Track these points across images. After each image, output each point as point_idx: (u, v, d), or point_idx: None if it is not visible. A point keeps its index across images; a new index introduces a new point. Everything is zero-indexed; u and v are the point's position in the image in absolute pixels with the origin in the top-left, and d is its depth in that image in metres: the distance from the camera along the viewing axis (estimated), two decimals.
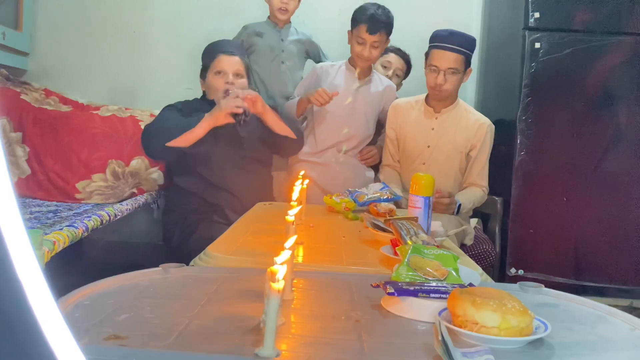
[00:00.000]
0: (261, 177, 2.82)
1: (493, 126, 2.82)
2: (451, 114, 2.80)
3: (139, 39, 3.66)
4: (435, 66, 2.67)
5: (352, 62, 3.00)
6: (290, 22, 3.31)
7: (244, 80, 2.75)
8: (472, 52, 2.73)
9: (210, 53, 2.78)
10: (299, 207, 1.27)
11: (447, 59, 2.65)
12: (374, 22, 2.82)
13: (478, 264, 2.60)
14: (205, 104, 2.74)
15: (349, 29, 2.95)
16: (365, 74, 3.03)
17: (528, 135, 2.99)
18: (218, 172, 2.66)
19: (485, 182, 2.80)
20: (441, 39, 2.68)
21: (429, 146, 2.81)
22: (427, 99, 2.85)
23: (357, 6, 2.94)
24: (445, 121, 2.79)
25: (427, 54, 2.75)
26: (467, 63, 2.71)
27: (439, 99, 2.77)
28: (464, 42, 2.68)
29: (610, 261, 2.92)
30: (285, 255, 0.81)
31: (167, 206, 2.89)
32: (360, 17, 2.86)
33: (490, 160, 2.78)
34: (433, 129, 2.80)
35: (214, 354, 0.83)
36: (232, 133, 2.64)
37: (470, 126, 2.78)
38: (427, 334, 0.92)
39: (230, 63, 2.72)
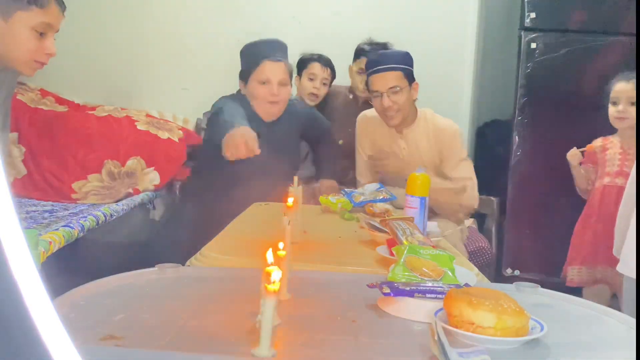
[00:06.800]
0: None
1: (458, 131, 2.72)
2: (415, 133, 2.69)
3: (134, 39, 3.65)
4: (377, 91, 2.58)
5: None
6: None
7: (288, 89, 2.62)
8: (410, 65, 2.63)
9: (253, 57, 2.61)
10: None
11: (385, 79, 2.56)
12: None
13: (474, 262, 2.61)
14: (248, 110, 2.56)
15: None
16: None
17: (524, 135, 3.00)
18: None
19: (462, 175, 2.66)
20: (374, 63, 2.62)
21: (408, 164, 2.66)
22: None
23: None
24: (411, 141, 2.69)
25: (367, 84, 2.68)
26: (410, 78, 2.61)
27: (394, 124, 2.64)
28: (397, 58, 2.62)
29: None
30: (273, 255, 0.81)
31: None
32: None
33: (486, 160, 2.79)
34: (404, 148, 2.70)
35: (209, 354, 0.83)
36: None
37: (437, 139, 2.68)
38: (423, 334, 0.92)
39: (275, 72, 2.56)
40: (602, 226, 2.49)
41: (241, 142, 1.95)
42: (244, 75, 2.63)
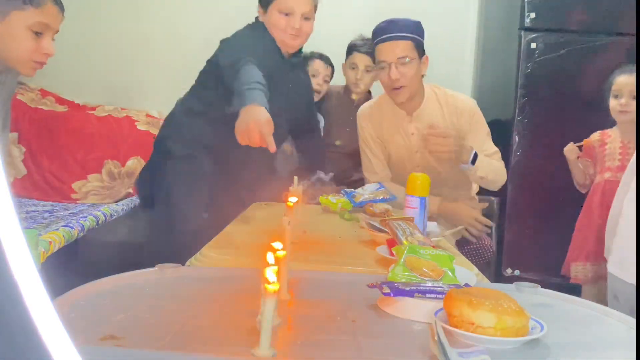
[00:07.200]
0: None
1: (475, 104, 2.56)
2: (425, 113, 2.49)
3: (134, 39, 3.65)
4: (383, 61, 2.38)
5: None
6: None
7: (310, 24, 2.36)
8: (421, 36, 2.43)
9: None
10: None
11: (393, 49, 2.36)
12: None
13: (476, 260, 2.59)
14: (268, 44, 2.32)
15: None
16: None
17: (524, 135, 3.00)
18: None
19: (492, 149, 2.53)
20: (382, 31, 2.41)
21: (417, 151, 2.50)
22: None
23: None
24: (422, 122, 2.47)
25: (373, 57, 2.50)
26: (420, 50, 2.41)
27: (401, 100, 2.45)
28: (408, 27, 2.41)
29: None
30: (274, 256, 0.81)
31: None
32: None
33: None
34: (413, 133, 2.51)
35: (210, 354, 0.83)
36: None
37: (454, 117, 2.49)
38: (423, 334, 0.92)
39: (300, 3, 2.30)
40: (605, 222, 2.47)
41: (254, 129, 1.84)
42: (265, 2, 2.36)
